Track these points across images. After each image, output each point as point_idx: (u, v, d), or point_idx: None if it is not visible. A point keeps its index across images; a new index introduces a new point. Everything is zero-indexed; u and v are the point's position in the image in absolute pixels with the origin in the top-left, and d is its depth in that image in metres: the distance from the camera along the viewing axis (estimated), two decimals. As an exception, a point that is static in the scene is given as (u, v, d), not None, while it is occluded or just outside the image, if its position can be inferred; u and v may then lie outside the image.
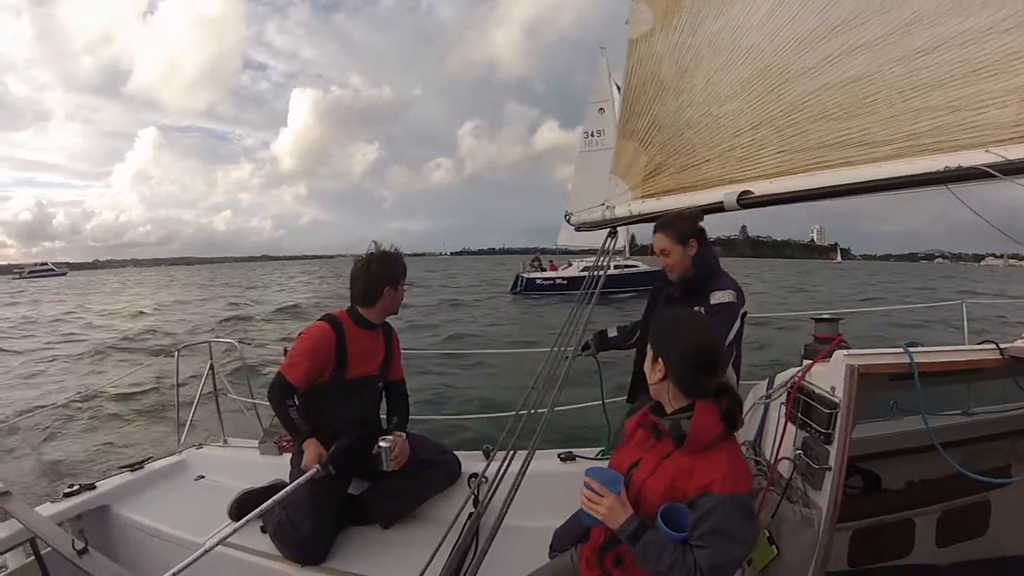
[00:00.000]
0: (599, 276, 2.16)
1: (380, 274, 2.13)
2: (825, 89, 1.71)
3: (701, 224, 1.96)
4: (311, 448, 1.99)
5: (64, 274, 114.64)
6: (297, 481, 1.83)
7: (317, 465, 1.88)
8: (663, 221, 1.96)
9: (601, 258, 2.25)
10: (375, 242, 2.23)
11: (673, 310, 1.72)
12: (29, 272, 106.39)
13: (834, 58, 1.72)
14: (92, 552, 1.58)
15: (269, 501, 1.73)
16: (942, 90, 1.44)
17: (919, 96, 1.48)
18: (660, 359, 1.30)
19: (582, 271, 24.24)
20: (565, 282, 25.34)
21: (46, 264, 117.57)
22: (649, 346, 1.35)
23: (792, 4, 1.86)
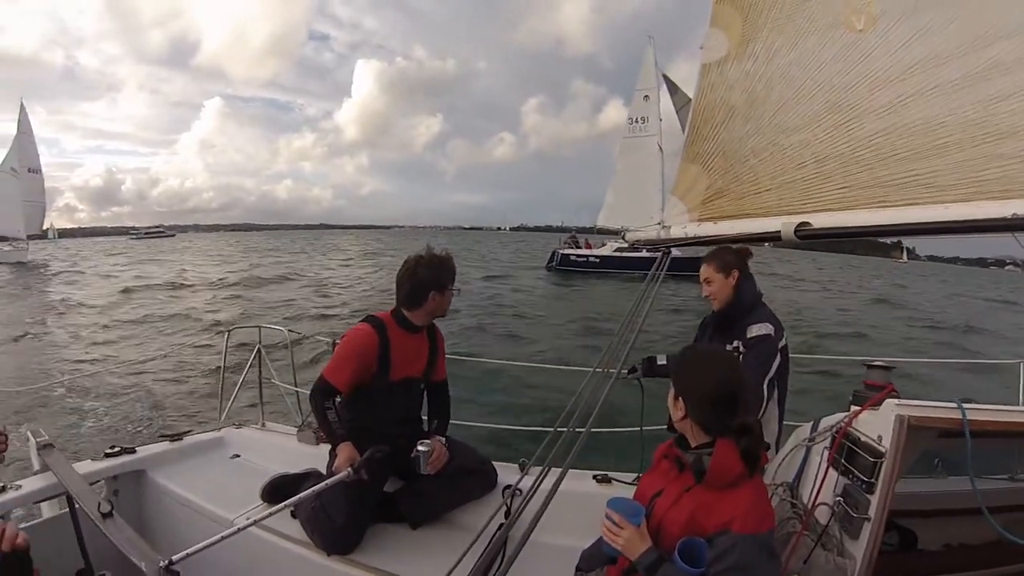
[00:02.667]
0: (649, 298, 2.13)
1: (426, 279, 2.15)
2: (895, 129, 1.73)
3: (746, 259, 2.00)
4: (344, 451, 2.03)
5: (173, 235, 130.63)
6: (326, 482, 1.86)
7: (348, 469, 1.91)
8: (710, 252, 2.01)
9: (649, 284, 2.16)
10: (429, 246, 2.27)
11: (695, 346, 1.76)
12: (145, 233, 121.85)
13: (907, 99, 1.74)
14: (116, 517, 1.65)
15: (306, 491, 1.78)
16: (1014, 139, 1.45)
17: (991, 143, 1.50)
18: (681, 398, 1.33)
19: (615, 251, 25.67)
20: (598, 260, 26.37)
21: (160, 227, 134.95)
22: (671, 383, 1.38)
23: (868, 42, 1.89)
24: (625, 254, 25.08)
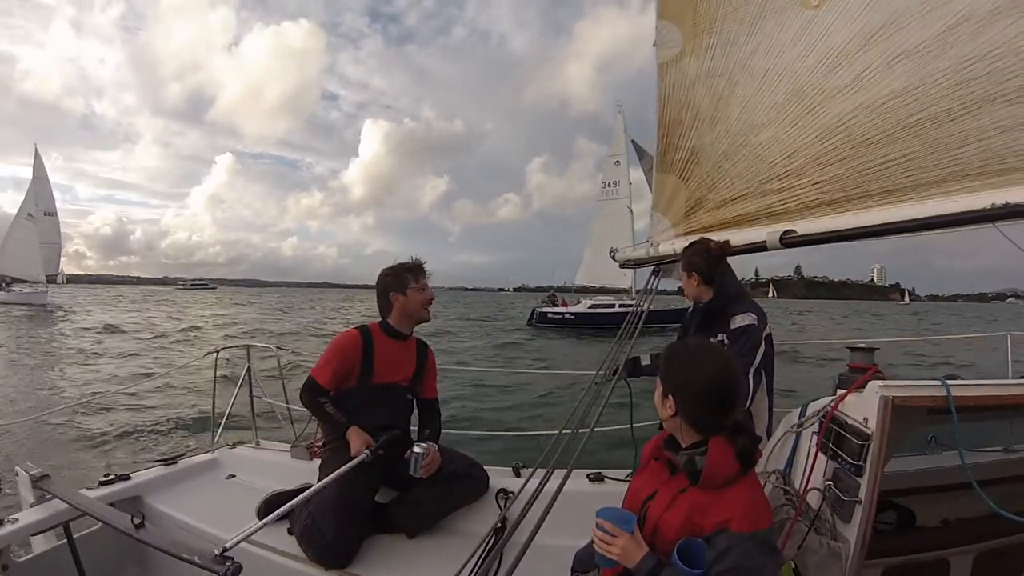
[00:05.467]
0: (641, 312, 2.18)
1: (384, 285, 2.23)
2: (863, 108, 1.58)
3: (720, 253, 1.94)
4: (357, 436, 2.06)
5: (215, 288, 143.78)
6: (347, 465, 1.87)
7: (367, 451, 1.95)
8: (681, 252, 1.99)
9: (644, 295, 2.27)
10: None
11: (684, 341, 1.69)
12: (191, 284, 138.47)
13: (871, 71, 1.58)
14: (147, 526, 1.61)
15: (298, 497, 1.77)
16: (993, 106, 1.28)
17: (969, 115, 1.32)
18: (670, 396, 1.24)
19: (589, 308, 27.92)
20: (572, 317, 28.19)
21: (203, 280, 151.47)
22: (659, 380, 1.30)
23: (826, 16, 1.74)
24: (597, 311, 27.28)
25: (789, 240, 1.65)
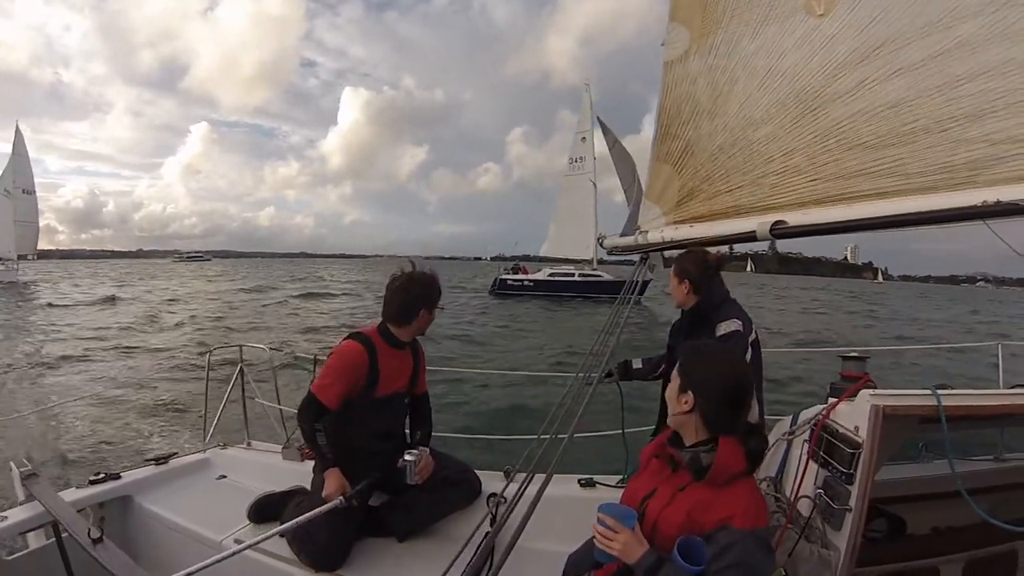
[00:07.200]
0: (627, 304, 2.19)
1: (418, 296, 2.16)
2: (860, 114, 1.68)
3: (715, 265, 2.01)
4: (333, 478, 2.02)
5: (209, 260, 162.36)
6: (317, 510, 1.86)
7: (340, 498, 1.92)
8: (676, 256, 2.03)
9: (629, 287, 2.26)
10: (411, 262, 2.28)
11: (707, 343, 1.74)
12: (188, 257, 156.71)
13: (871, 83, 1.68)
14: (106, 542, 1.65)
15: (298, 518, 1.79)
16: (981, 121, 1.40)
17: (959, 126, 1.44)
18: (690, 392, 1.28)
19: (548, 276, 29.61)
20: (532, 284, 29.75)
21: (199, 252, 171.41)
22: (677, 376, 1.34)
23: (830, 25, 1.83)
24: (556, 279, 29.16)
25: (779, 231, 1.72)
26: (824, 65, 1.81)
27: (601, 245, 2.46)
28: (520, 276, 30.68)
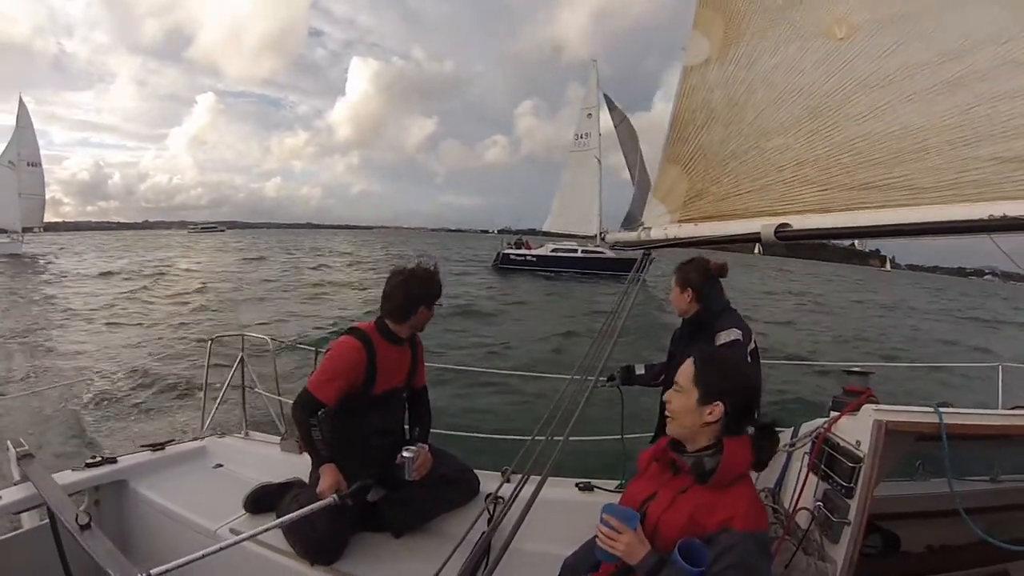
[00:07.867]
0: (626, 305, 2.13)
1: (418, 294, 2.15)
2: (874, 134, 1.74)
3: (717, 274, 2.03)
4: (329, 474, 2.00)
5: (223, 231, 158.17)
6: (310, 507, 1.84)
7: (334, 496, 1.89)
8: (680, 264, 2.04)
9: (628, 288, 2.16)
10: (419, 259, 2.28)
11: (708, 349, 1.75)
12: (201, 228, 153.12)
13: (885, 105, 1.75)
14: (94, 529, 1.63)
15: (290, 515, 1.79)
16: (989, 142, 1.47)
17: (968, 147, 1.51)
18: (721, 401, 1.26)
19: (551, 251, 29.21)
20: (534, 259, 29.46)
21: (212, 223, 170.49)
22: (695, 388, 1.31)
23: (848, 50, 1.91)
24: (559, 254, 28.78)
25: (784, 233, 1.76)
26: (842, 86, 1.89)
27: (603, 239, 2.47)
28: (523, 251, 30.37)
